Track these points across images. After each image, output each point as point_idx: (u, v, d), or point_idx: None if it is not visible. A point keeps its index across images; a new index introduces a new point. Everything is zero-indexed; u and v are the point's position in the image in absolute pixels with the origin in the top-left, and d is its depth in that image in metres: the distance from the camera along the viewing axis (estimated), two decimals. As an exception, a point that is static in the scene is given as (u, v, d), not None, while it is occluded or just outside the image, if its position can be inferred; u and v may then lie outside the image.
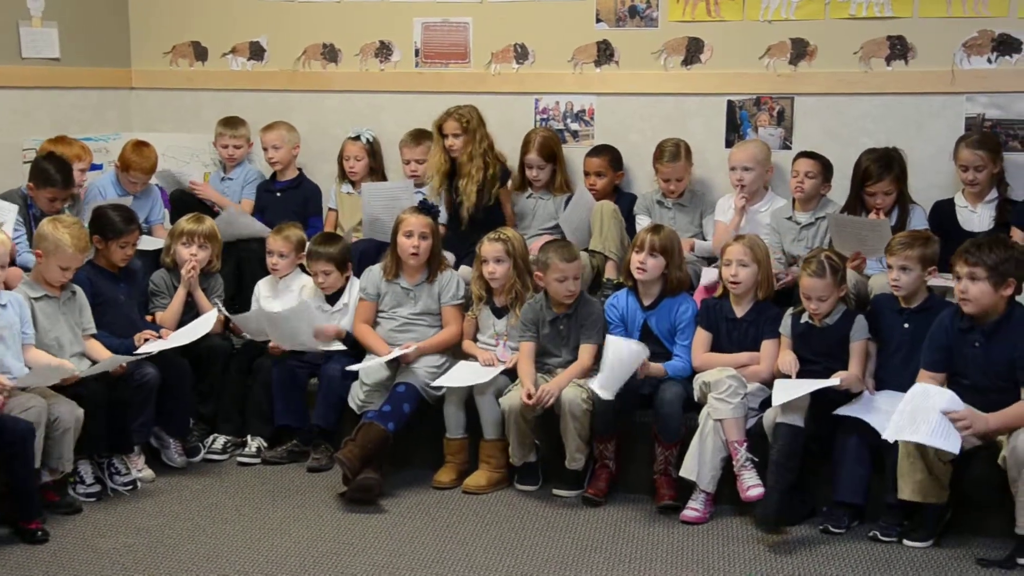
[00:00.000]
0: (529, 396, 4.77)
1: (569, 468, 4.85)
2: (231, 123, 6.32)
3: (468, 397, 5.04)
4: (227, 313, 5.42)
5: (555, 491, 4.91)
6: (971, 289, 4.29)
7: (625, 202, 5.69)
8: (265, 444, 5.31)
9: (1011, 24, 5.28)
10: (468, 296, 5.29)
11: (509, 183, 5.80)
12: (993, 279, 4.27)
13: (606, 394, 4.63)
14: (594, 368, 4.83)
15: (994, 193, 5.20)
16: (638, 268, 4.92)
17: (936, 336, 4.47)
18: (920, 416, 4.19)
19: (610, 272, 5.42)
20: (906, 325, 4.66)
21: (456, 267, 5.45)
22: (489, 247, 5.14)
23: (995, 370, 4.31)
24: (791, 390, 4.45)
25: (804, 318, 4.75)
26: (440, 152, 5.75)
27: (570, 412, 4.77)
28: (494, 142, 5.77)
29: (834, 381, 4.48)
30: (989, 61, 5.35)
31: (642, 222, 5.51)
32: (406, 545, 4.39)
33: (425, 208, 5.33)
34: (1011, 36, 5.29)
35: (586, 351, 4.93)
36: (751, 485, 4.50)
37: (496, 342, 5.17)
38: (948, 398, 4.24)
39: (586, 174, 5.75)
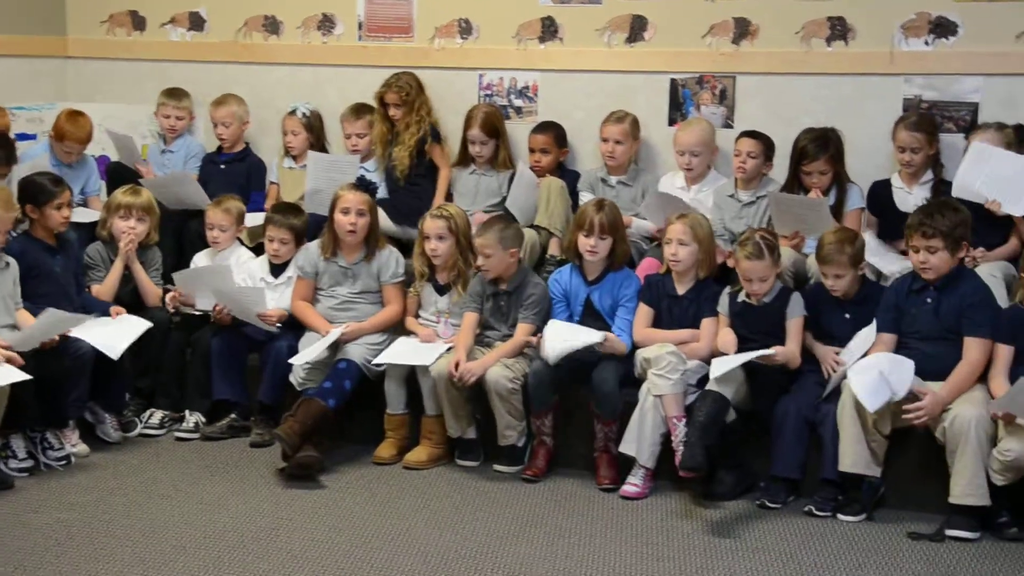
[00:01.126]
0: (456, 367, 4.78)
1: (501, 444, 4.87)
2: (174, 94, 6.24)
3: (410, 373, 5.02)
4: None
5: (496, 467, 4.92)
6: (931, 260, 4.46)
7: (569, 179, 5.69)
8: (204, 419, 5.26)
9: (947, 6, 5.33)
10: (409, 273, 5.27)
11: (441, 144, 5.86)
12: (949, 245, 4.45)
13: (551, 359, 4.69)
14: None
15: (929, 174, 5.26)
16: (589, 251, 4.93)
17: (887, 300, 4.62)
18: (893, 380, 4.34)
19: (554, 248, 5.43)
20: (847, 316, 4.75)
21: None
22: (431, 224, 5.12)
23: (945, 323, 4.48)
24: (728, 363, 4.50)
25: (741, 297, 4.80)
26: (381, 122, 5.82)
27: (496, 392, 4.79)
28: (432, 109, 5.83)
29: (770, 351, 4.54)
30: (926, 43, 5.40)
31: (585, 199, 5.52)
32: (345, 521, 4.37)
33: (363, 185, 5.29)
34: (947, 19, 5.34)
35: (522, 330, 4.94)
36: None
37: (438, 319, 5.16)
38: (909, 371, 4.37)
39: (531, 151, 5.75)
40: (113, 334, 5.02)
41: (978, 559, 4.08)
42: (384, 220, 5.49)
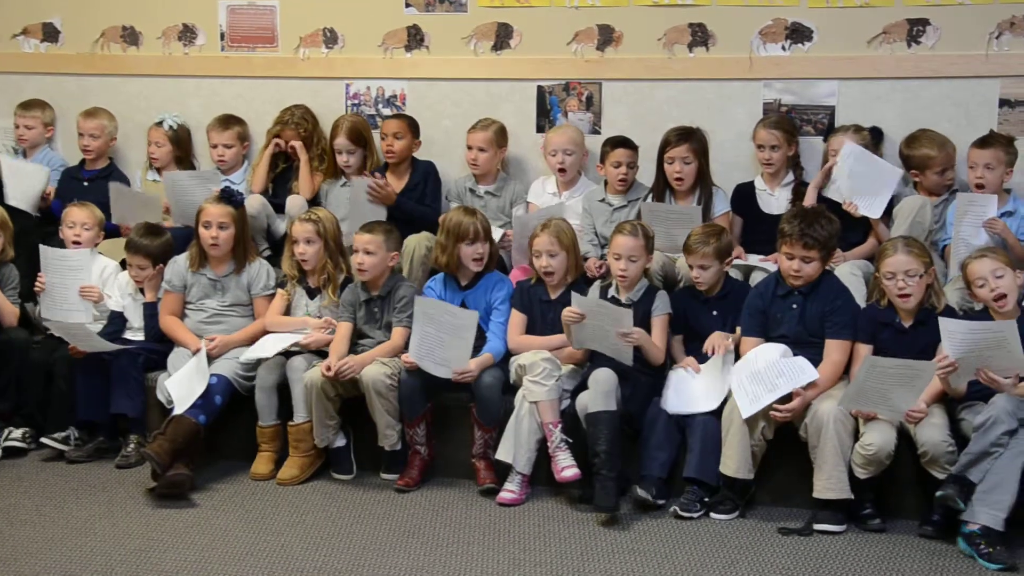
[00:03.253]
0: (329, 368, 4.75)
1: (382, 446, 4.83)
2: (25, 104, 6.10)
3: (280, 383, 4.97)
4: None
5: (383, 475, 4.90)
6: (805, 269, 4.59)
7: (422, 169, 5.67)
8: (69, 440, 5.10)
9: (802, 13, 5.47)
10: (282, 282, 5.23)
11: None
12: (824, 255, 4.61)
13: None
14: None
15: (790, 176, 5.39)
16: (474, 261, 4.95)
17: (752, 303, 4.70)
18: (762, 380, 4.42)
19: None
20: (714, 313, 4.83)
21: None
22: (300, 228, 5.11)
23: (810, 328, 4.59)
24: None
25: (611, 292, 4.85)
26: (270, 157, 5.85)
27: (374, 390, 4.75)
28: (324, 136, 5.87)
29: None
30: (784, 48, 5.53)
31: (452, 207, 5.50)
32: (218, 539, 4.29)
33: (227, 196, 5.22)
34: (803, 25, 5.48)
35: (397, 334, 4.92)
36: (566, 466, 4.56)
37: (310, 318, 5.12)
38: (781, 349, 4.52)
39: (383, 137, 5.67)
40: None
41: (844, 551, 4.18)
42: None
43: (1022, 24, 5.22)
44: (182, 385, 4.90)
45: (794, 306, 4.62)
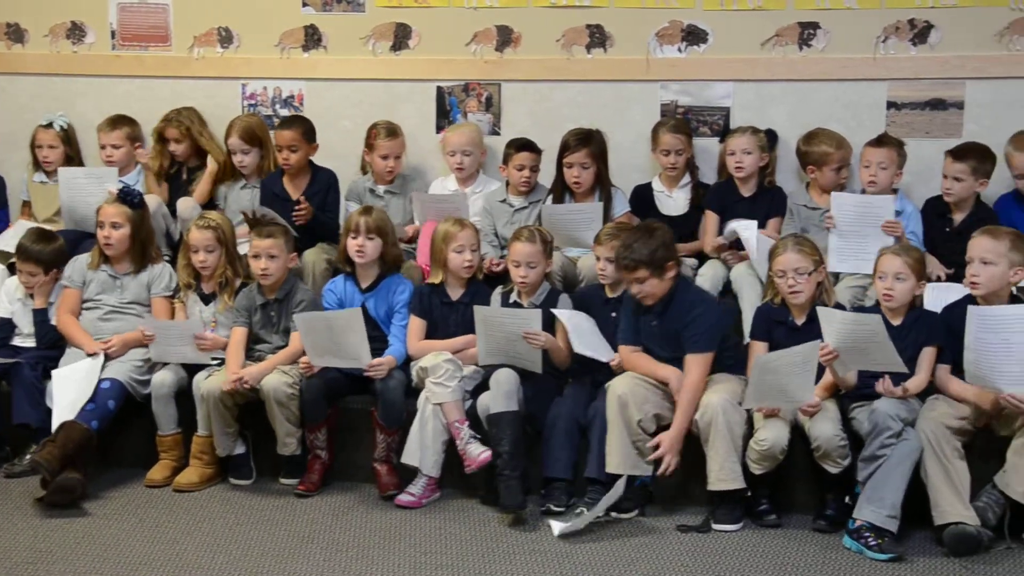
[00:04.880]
0: (234, 380, 4.69)
1: (281, 453, 4.78)
2: None
3: (179, 391, 4.89)
4: None
5: (282, 480, 4.84)
6: (644, 288, 4.52)
7: (323, 177, 5.58)
8: None
9: (698, 15, 5.53)
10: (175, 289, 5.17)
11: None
12: (655, 271, 4.50)
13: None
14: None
15: (688, 178, 5.46)
16: (357, 252, 4.90)
17: (626, 313, 4.71)
18: None
19: None
20: (613, 314, 4.84)
21: None
22: (199, 235, 5.03)
23: (671, 344, 4.57)
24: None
25: (513, 297, 4.86)
26: (159, 157, 5.77)
27: (275, 399, 4.70)
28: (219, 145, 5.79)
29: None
30: (680, 50, 5.59)
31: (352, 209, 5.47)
32: (111, 549, 4.19)
33: (124, 196, 5.11)
34: (698, 27, 5.55)
35: (296, 338, 4.86)
36: (479, 452, 4.56)
37: (204, 328, 5.01)
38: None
39: (279, 148, 5.56)
40: None
41: (741, 546, 4.24)
42: None
43: (907, 29, 5.35)
44: (66, 392, 4.78)
45: (653, 323, 4.61)
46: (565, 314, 4.72)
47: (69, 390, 4.79)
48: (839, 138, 5.25)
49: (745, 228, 4.98)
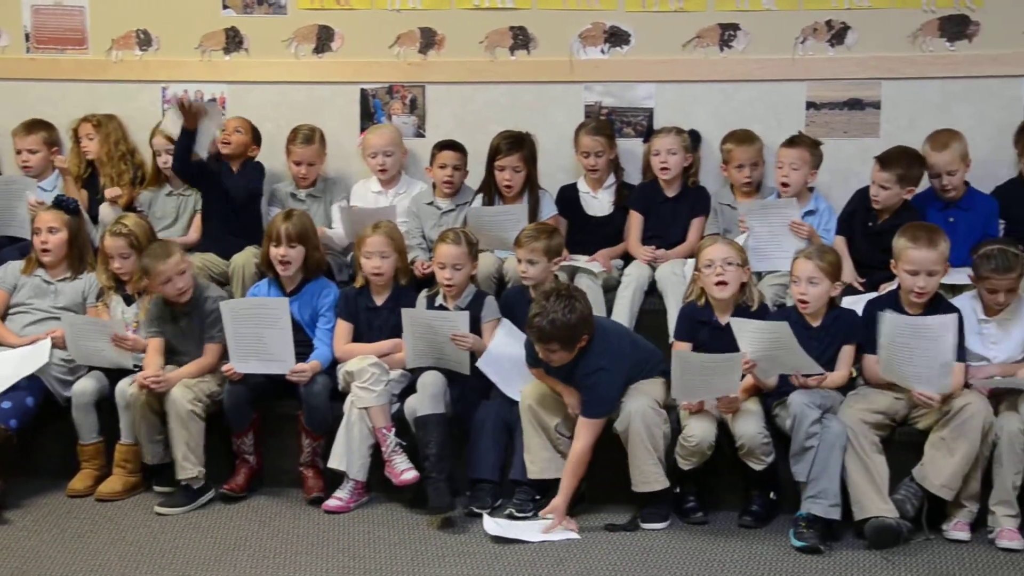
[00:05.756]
0: (142, 386, 4.64)
1: (177, 478, 4.67)
2: None
3: (100, 400, 4.82)
4: None
5: (156, 488, 4.77)
6: (552, 358, 4.36)
7: (256, 171, 5.56)
8: None
9: (620, 17, 5.57)
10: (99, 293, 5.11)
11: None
12: (567, 347, 4.32)
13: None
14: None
15: (612, 178, 5.49)
16: (281, 260, 4.87)
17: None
18: None
19: None
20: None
21: None
22: (112, 242, 4.99)
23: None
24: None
25: (439, 300, 4.85)
26: (76, 156, 5.72)
27: (175, 413, 4.63)
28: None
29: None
30: (603, 52, 5.62)
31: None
32: (31, 561, 4.13)
33: (60, 203, 5.09)
34: (621, 28, 5.58)
35: (209, 351, 4.82)
36: (404, 469, 4.55)
37: (127, 330, 4.96)
38: None
39: (222, 128, 5.51)
40: None
41: (669, 544, 4.28)
42: None
43: (825, 30, 5.43)
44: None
45: (560, 379, 4.52)
46: (502, 339, 4.73)
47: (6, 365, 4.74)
48: (744, 135, 5.30)
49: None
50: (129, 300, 5.04)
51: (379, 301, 4.92)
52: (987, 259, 4.40)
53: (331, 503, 4.60)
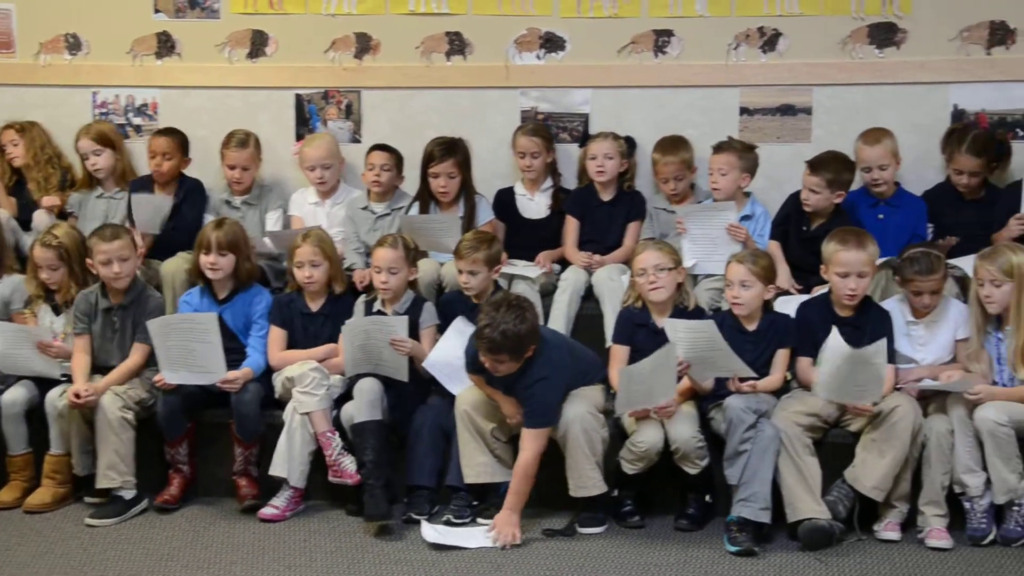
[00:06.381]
0: (77, 395, 4.57)
1: (99, 487, 4.61)
2: None
3: (30, 409, 4.75)
4: None
5: (87, 499, 4.70)
6: (499, 368, 4.32)
7: (189, 185, 5.52)
8: None
9: (555, 23, 5.58)
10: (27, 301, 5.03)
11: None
12: (515, 358, 4.29)
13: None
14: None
15: (549, 182, 5.51)
16: (211, 269, 4.83)
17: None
18: None
19: None
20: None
21: None
22: (40, 253, 4.92)
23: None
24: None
25: (376, 305, 4.84)
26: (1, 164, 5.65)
27: (106, 422, 4.58)
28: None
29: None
30: (538, 57, 5.64)
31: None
32: (-44, 576, 4.05)
33: None
34: (556, 34, 5.60)
35: (138, 351, 4.77)
36: (353, 471, 4.52)
37: (52, 338, 4.88)
38: None
39: (152, 155, 5.50)
40: None
41: (606, 549, 4.29)
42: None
43: (757, 36, 5.49)
44: None
45: (496, 384, 4.50)
46: (454, 339, 4.70)
47: None
48: (669, 145, 5.31)
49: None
50: (58, 310, 4.96)
51: (314, 307, 4.89)
52: (911, 262, 4.48)
53: (266, 511, 4.56)
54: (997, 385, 4.40)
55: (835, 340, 4.30)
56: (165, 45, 5.78)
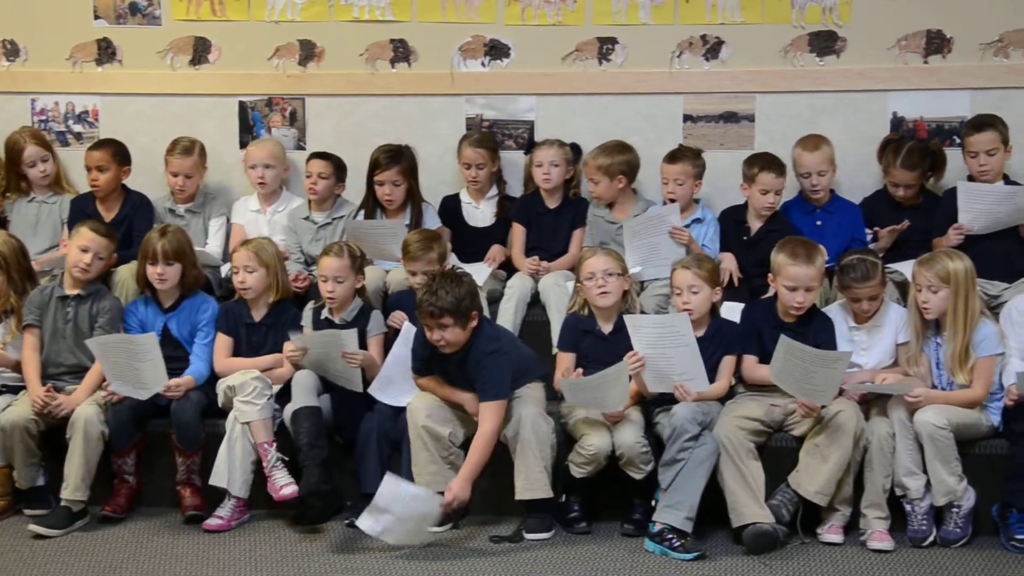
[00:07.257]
0: (42, 405, 4.54)
1: (71, 499, 4.54)
2: None
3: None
4: None
5: (26, 511, 4.64)
6: (446, 336, 4.37)
7: (135, 201, 5.46)
8: None
9: (500, 30, 5.60)
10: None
11: None
12: (459, 320, 4.36)
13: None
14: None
15: (495, 190, 5.53)
16: (158, 279, 4.79)
17: (416, 347, 4.62)
18: None
19: None
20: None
21: None
22: None
23: (471, 385, 4.48)
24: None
25: (324, 313, 4.83)
26: None
27: (86, 434, 4.53)
28: None
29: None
30: (483, 64, 5.65)
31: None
32: None
33: None
34: (501, 41, 5.61)
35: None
36: (284, 484, 4.50)
37: (-1, 348, 4.86)
38: None
39: (88, 169, 5.42)
40: None
41: (553, 554, 4.30)
42: None
43: (700, 44, 5.54)
44: None
45: (451, 367, 4.54)
46: (402, 348, 4.71)
47: None
48: (601, 150, 5.30)
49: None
50: (-2, 318, 4.91)
51: (257, 317, 4.87)
52: (849, 269, 4.54)
53: (211, 522, 4.53)
54: (936, 389, 4.47)
55: (789, 339, 4.34)
56: (106, 52, 5.72)
